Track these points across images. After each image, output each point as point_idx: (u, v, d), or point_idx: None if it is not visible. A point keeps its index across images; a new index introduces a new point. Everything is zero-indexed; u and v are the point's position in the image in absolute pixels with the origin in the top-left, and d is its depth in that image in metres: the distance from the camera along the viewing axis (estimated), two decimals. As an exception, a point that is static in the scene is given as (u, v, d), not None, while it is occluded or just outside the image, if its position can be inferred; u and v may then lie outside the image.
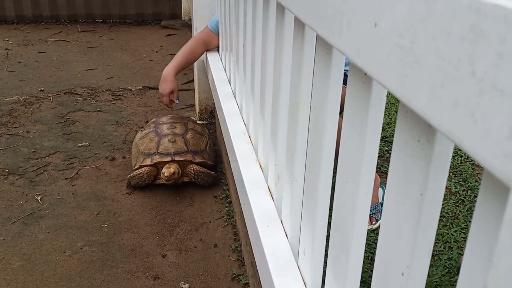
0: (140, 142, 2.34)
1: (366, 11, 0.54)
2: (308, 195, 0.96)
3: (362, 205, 0.72)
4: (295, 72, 0.98)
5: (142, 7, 5.60)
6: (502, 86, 0.32)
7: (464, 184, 2.23)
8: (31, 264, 1.78)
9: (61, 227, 2.00)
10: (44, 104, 3.25)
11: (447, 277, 1.65)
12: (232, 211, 2.12)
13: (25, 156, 2.56)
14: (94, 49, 4.55)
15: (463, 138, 0.37)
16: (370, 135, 0.68)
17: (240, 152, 1.56)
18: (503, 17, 0.31)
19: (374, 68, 0.53)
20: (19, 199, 2.18)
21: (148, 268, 1.78)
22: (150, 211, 2.12)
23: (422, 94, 0.43)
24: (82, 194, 2.23)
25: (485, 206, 0.41)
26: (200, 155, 2.29)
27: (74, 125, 2.95)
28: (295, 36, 0.96)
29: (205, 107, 3.00)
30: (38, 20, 5.43)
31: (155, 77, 3.83)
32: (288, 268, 1.04)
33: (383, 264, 0.65)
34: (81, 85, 3.62)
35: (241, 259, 1.84)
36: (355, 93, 0.69)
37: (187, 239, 1.95)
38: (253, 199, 1.28)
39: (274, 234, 1.14)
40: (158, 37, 5.03)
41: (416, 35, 0.43)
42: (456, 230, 1.90)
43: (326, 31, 0.68)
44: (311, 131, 0.91)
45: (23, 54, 4.32)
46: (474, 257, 0.42)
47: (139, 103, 3.34)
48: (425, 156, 0.53)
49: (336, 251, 0.81)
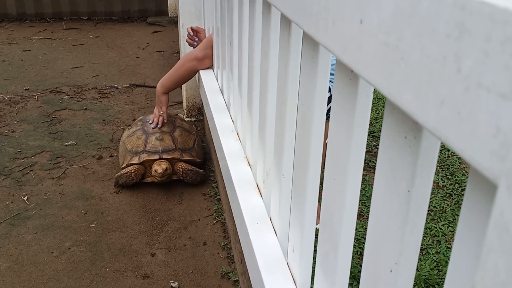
0: (128, 140, 2.33)
1: (352, 8, 0.54)
2: (296, 192, 0.96)
3: (350, 202, 0.72)
4: (282, 69, 0.98)
5: (127, 4, 5.56)
6: (488, 84, 0.32)
7: (451, 178, 2.24)
8: (18, 265, 1.76)
9: (49, 227, 1.98)
10: (29, 103, 3.22)
11: (435, 270, 1.66)
12: (221, 208, 2.12)
13: (11, 156, 2.53)
14: (79, 46, 4.51)
15: (450, 136, 0.37)
16: (357, 132, 0.68)
17: (228, 149, 1.55)
18: (488, 14, 0.31)
19: (360, 65, 0.53)
20: (5, 200, 2.16)
21: (137, 267, 1.77)
22: (139, 210, 2.11)
23: (408, 91, 0.43)
24: (69, 194, 2.21)
25: (472, 202, 0.41)
26: (188, 153, 2.29)
27: (60, 124, 2.92)
28: (281, 33, 0.95)
29: (192, 104, 2.99)
30: (22, 18, 5.37)
31: (142, 75, 3.81)
32: (277, 265, 1.04)
33: (371, 260, 0.65)
34: (67, 83, 3.59)
35: (231, 256, 1.84)
36: (341, 90, 0.68)
37: (176, 238, 1.94)
38: (242, 196, 1.28)
39: (263, 232, 1.14)
40: (144, 34, 5.00)
41: (402, 32, 0.43)
42: (444, 224, 1.91)
43: (312, 28, 0.68)
44: (299, 128, 0.91)
45: (8, 53, 4.26)
46: (462, 255, 0.42)
47: (126, 101, 3.31)
48: (412, 153, 0.53)
49: (325, 248, 0.81)
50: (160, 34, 5.04)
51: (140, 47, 4.55)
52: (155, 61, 4.17)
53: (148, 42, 4.71)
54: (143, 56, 4.29)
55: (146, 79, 3.73)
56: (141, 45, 4.61)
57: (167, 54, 4.37)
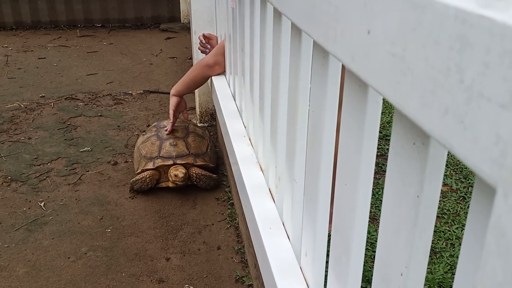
0: (142, 146, 2.36)
1: (359, 19, 0.55)
2: (308, 197, 0.97)
3: (361, 207, 0.73)
4: (293, 75, 1.00)
5: (140, 11, 5.62)
6: (489, 94, 0.33)
7: (464, 181, 2.24)
8: (36, 271, 1.80)
9: (65, 232, 2.01)
10: (45, 110, 3.27)
11: (449, 274, 1.66)
12: (235, 213, 2.14)
13: (28, 163, 2.57)
14: (94, 53, 4.57)
15: (454, 143, 0.38)
16: (367, 138, 0.69)
17: (241, 154, 1.57)
18: (487, 28, 0.33)
19: (368, 74, 0.54)
20: (22, 206, 2.20)
21: (152, 271, 1.80)
22: (153, 215, 2.14)
23: (414, 100, 0.44)
24: (85, 199, 2.25)
25: (477, 207, 0.42)
26: (202, 158, 2.31)
27: (75, 130, 2.97)
28: (292, 41, 0.97)
29: (205, 110, 3.02)
30: (37, 26, 5.45)
31: (155, 81, 3.85)
32: (290, 270, 1.06)
33: (382, 264, 0.66)
34: (81, 90, 3.64)
35: (245, 261, 1.86)
36: (351, 97, 0.70)
37: (190, 242, 1.96)
38: (255, 201, 1.30)
39: (276, 236, 1.16)
40: (157, 41, 5.05)
41: (407, 43, 0.44)
42: (457, 227, 1.91)
43: (321, 37, 0.69)
44: (310, 134, 0.92)
45: (23, 60, 4.33)
46: (468, 259, 0.43)
47: (140, 107, 3.35)
48: (420, 159, 0.54)
49: (337, 253, 0.82)
50: (173, 40, 5.08)
51: (154, 54, 4.59)
52: (168, 67, 4.22)
53: (161, 49, 4.76)
54: (157, 63, 4.33)
55: (160, 85, 3.76)
56: (154, 52, 4.66)
57: (180, 60, 4.41)
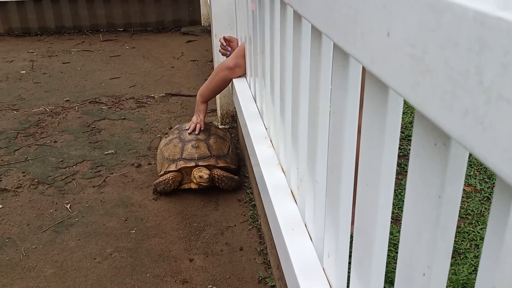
0: (165, 148, 2.39)
1: (379, 21, 0.55)
2: (330, 198, 0.98)
3: (383, 208, 0.73)
4: (314, 77, 1.00)
5: (162, 15, 5.68)
6: (508, 95, 0.34)
7: (489, 182, 2.21)
8: (63, 271, 1.84)
9: (91, 234, 2.05)
10: (70, 114, 3.33)
11: (473, 275, 1.64)
12: (256, 214, 2.15)
13: (54, 166, 2.62)
14: (116, 58, 4.63)
15: (474, 144, 0.38)
16: (388, 139, 0.69)
17: (262, 156, 1.58)
18: (506, 30, 0.33)
19: (388, 76, 0.55)
20: (49, 208, 2.25)
21: (176, 272, 1.82)
22: (177, 216, 2.16)
23: (434, 102, 0.44)
24: (110, 201, 2.28)
25: (498, 208, 0.43)
26: (223, 160, 2.33)
27: (100, 133, 3.02)
28: (312, 43, 0.98)
29: (226, 112, 3.03)
30: (61, 31, 5.55)
31: (177, 84, 3.89)
32: (313, 271, 1.06)
33: (405, 265, 0.66)
34: (105, 94, 3.70)
35: (267, 262, 1.86)
36: (372, 98, 0.70)
37: (213, 243, 1.98)
38: (277, 203, 1.30)
39: (299, 237, 1.16)
40: (178, 44, 5.09)
41: (427, 45, 0.45)
42: (482, 227, 1.89)
43: (341, 39, 0.70)
44: (331, 135, 0.93)
45: (48, 65, 4.42)
46: (490, 259, 0.44)
47: (163, 110, 3.39)
48: (441, 160, 0.54)
49: (359, 254, 0.82)
50: (194, 43, 5.12)
51: (175, 57, 4.64)
52: (190, 70, 4.25)
53: (182, 52, 4.80)
54: (178, 66, 4.37)
55: (181, 88, 3.80)
56: (176, 55, 4.70)
57: (201, 63, 4.44)
